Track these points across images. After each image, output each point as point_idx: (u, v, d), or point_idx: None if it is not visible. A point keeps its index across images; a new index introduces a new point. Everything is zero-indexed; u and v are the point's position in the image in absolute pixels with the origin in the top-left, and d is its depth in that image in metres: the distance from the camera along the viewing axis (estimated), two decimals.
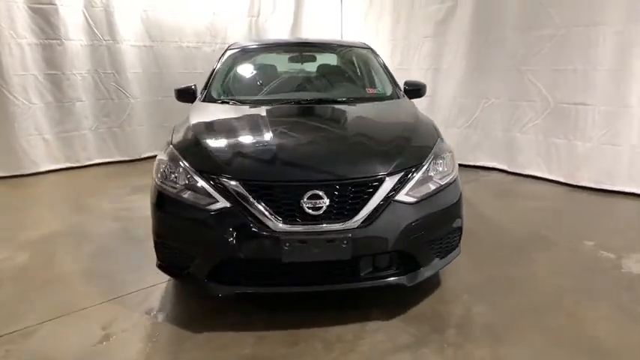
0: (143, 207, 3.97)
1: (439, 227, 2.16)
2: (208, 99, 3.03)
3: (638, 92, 3.79)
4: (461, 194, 2.26)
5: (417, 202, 2.06)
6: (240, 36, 6.27)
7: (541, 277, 2.61)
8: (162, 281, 2.60)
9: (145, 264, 2.83)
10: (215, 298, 2.31)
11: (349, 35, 6.48)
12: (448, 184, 2.20)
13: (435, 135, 2.44)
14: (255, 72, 3.50)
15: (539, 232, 3.24)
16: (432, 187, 2.14)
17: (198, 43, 5.96)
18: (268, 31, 6.56)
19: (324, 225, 1.94)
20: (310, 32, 6.73)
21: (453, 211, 2.21)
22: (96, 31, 5.11)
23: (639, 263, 2.73)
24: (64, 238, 3.32)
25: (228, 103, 2.94)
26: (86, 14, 5.03)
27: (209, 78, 3.23)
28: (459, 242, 2.34)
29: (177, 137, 2.40)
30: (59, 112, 5.06)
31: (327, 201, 1.95)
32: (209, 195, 2.02)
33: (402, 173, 2.07)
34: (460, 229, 2.29)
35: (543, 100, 4.42)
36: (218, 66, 3.36)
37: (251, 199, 1.96)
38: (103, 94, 5.31)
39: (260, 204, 1.95)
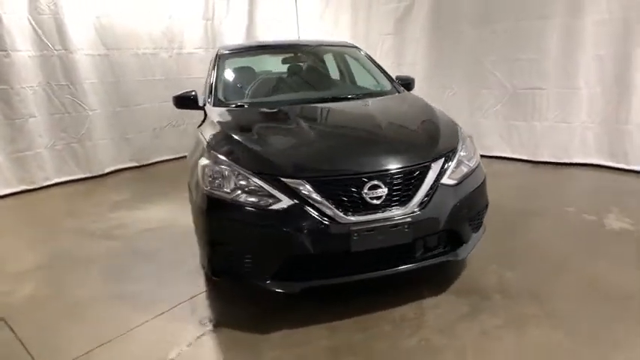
0: (137, 221, 3.82)
1: (475, 205, 2.39)
2: (218, 104, 3.00)
3: (585, 75, 4.37)
4: (485, 174, 2.52)
5: (457, 184, 2.27)
6: (197, 40, 6.14)
7: (545, 243, 2.96)
8: (199, 291, 2.57)
9: (172, 278, 2.77)
10: (266, 299, 2.35)
11: (305, 35, 6.62)
12: (477, 166, 2.44)
13: (454, 122, 2.68)
14: (257, 74, 3.51)
15: (525, 206, 3.64)
16: (465, 169, 2.36)
17: (155, 50, 5.73)
18: (224, 34, 6.48)
19: (387, 212, 2.08)
20: (265, 33, 6.76)
21: (483, 189, 2.46)
22: (45, 40, 4.72)
23: (618, 221, 3.21)
24: (61, 264, 3.09)
25: (243, 106, 2.95)
26: (32, 22, 4.63)
27: (212, 83, 3.19)
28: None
29: (217, 143, 2.38)
30: (10, 130, 4.60)
31: (385, 190, 2.08)
32: (270, 195, 2.06)
33: (443, 159, 2.27)
34: (487, 205, 2.54)
35: (502, 87, 4.90)
36: (216, 71, 3.32)
37: (316, 196, 2.04)
38: (57, 109, 4.92)
39: (325, 199, 2.04)
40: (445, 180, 2.23)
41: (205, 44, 6.29)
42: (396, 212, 2.09)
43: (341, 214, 2.04)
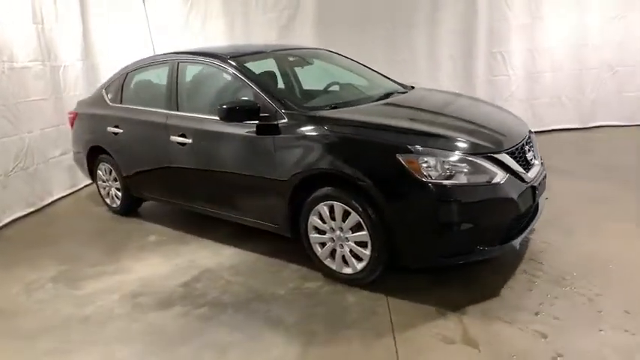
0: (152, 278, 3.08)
1: None
2: (302, 109, 2.92)
3: (444, 71, 5.93)
4: None
5: None
6: (30, 48, 4.68)
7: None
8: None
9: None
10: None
11: (161, 42, 5.98)
12: None
13: None
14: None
15: None
16: None
17: None
18: (55, 40, 5.13)
19: (535, 167, 2.71)
20: (105, 40, 5.72)
21: None
22: None
23: None
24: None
25: (336, 107, 2.95)
26: None
27: (270, 90, 3.02)
28: None
29: (410, 138, 2.48)
30: None
31: (531, 150, 2.72)
32: (487, 171, 2.38)
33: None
34: None
35: None
36: (252, 78, 3.10)
37: (512, 164, 2.48)
38: None
39: (517, 165, 2.51)
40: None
41: (41, 56, 4.87)
42: (537, 166, 2.73)
43: (527, 175, 2.55)
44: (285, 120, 2.82)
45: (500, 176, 2.42)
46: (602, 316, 2.28)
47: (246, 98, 3.02)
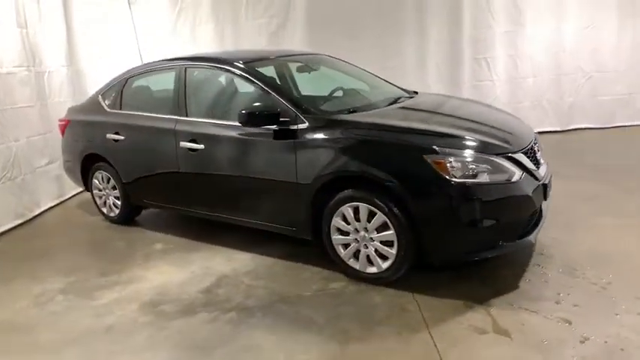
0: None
1: None
2: (322, 113, 3.02)
3: (432, 77, 6.14)
4: None
5: None
6: (15, 53, 4.54)
7: None
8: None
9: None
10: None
11: (149, 48, 5.91)
12: None
13: None
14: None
15: None
16: None
17: None
18: (40, 45, 4.98)
19: (543, 166, 2.88)
20: (90, 46, 5.60)
21: None
22: None
23: None
24: None
25: (355, 111, 3.05)
26: None
27: (288, 95, 3.10)
28: None
29: (436, 140, 2.59)
30: None
31: (539, 152, 2.90)
32: (506, 170, 2.53)
33: None
34: None
35: None
36: (270, 84, 3.17)
37: (527, 163, 2.64)
38: None
39: (531, 164, 2.68)
40: None
41: (26, 61, 4.72)
42: (545, 165, 2.91)
43: (539, 173, 2.72)
44: (306, 124, 2.88)
45: (517, 175, 2.58)
46: (616, 302, 2.46)
47: (257, 104, 3.04)
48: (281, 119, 2.92)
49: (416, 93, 3.78)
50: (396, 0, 5.89)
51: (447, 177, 2.45)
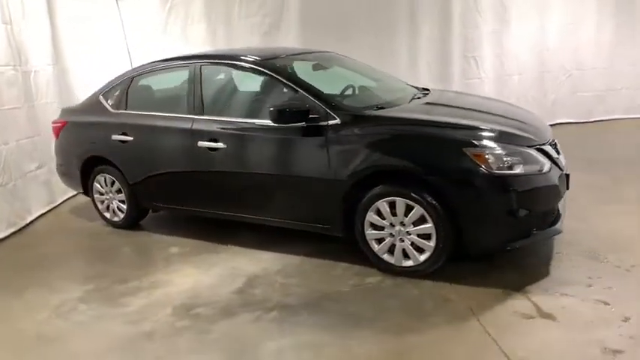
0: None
1: None
2: (352, 109, 3.04)
3: (423, 76, 6.30)
4: None
5: None
6: (1, 51, 4.29)
7: None
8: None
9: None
10: None
11: (138, 47, 5.73)
12: None
13: None
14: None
15: None
16: None
17: None
18: (25, 43, 4.73)
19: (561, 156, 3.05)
20: (76, 43, 5.36)
21: None
22: None
23: None
24: None
25: (382, 107, 3.10)
26: None
27: (316, 92, 3.06)
28: None
29: (473, 133, 2.70)
30: None
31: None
32: (538, 162, 2.67)
33: None
34: None
35: None
36: (296, 81, 3.16)
37: (553, 154, 2.79)
38: None
39: (556, 155, 2.83)
40: None
41: (12, 60, 4.48)
42: (562, 156, 3.07)
43: (562, 163, 2.87)
44: (337, 120, 2.91)
45: (547, 166, 2.72)
46: None
47: (287, 101, 3.06)
48: (310, 116, 2.95)
49: (427, 89, 3.89)
50: (388, 0, 6.01)
51: (486, 169, 2.55)
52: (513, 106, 3.70)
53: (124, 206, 4.01)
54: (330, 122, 2.92)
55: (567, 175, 2.91)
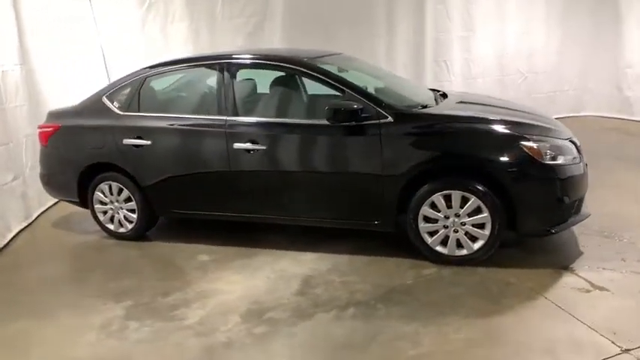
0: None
1: None
2: (399, 109, 3.13)
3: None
4: None
5: None
6: None
7: None
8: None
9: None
10: None
11: (113, 47, 5.34)
12: None
13: None
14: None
15: None
16: None
17: None
18: None
19: None
20: (44, 42, 4.87)
21: None
22: None
23: None
24: None
25: (425, 107, 3.25)
26: None
27: (365, 92, 3.18)
28: None
29: (524, 128, 2.98)
30: None
31: None
32: (572, 153, 3.01)
33: None
34: None
35: None
36: (344, 82, 3.21)
37: (579, 146, 3.15)
38: None
39: (578, 147, 3.17)
40: None
41: None
42: None
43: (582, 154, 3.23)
44: (390, 119, 3.01)
45: (578, 156, 3.07)
46: None
47: (339, 101, 3.10)
48: (363, 115, 3.02)
49: (438, 91, 4.13)
50: (369, 2, 6.23)
51: (540, 160, 2.82)
52: (530, 107, 4.06)
53: (134, 216, 3.75)
54: (382, 121, 3.03)
55: (586, 165, 3.30)
